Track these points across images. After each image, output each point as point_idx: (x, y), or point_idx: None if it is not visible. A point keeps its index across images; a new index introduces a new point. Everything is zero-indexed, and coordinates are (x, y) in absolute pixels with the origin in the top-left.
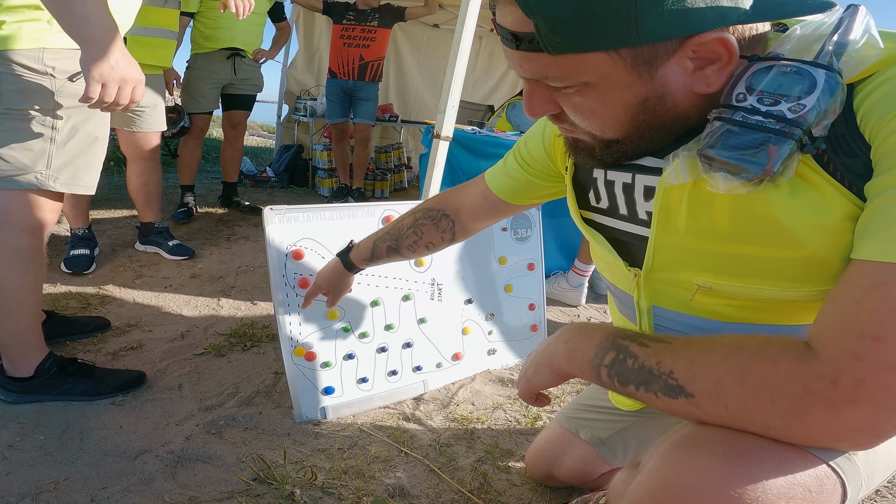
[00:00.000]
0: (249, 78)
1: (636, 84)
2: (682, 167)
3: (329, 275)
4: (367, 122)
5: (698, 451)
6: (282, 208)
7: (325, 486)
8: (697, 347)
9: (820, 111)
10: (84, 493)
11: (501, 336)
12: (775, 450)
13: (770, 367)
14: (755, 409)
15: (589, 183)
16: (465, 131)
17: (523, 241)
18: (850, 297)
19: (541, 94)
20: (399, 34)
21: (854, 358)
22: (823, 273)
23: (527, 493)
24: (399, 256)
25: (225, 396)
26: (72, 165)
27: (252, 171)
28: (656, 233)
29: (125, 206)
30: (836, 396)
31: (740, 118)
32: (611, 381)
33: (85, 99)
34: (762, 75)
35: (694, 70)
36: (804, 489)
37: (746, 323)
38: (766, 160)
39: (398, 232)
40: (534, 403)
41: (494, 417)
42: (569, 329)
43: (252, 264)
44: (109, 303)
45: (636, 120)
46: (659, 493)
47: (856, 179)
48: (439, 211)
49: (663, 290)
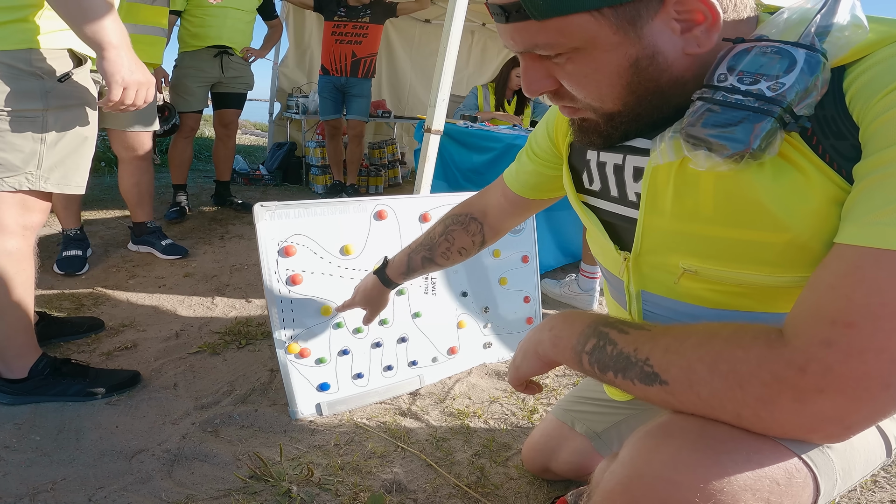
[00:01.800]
0: (239, 76)
1: (624, 45)
2: (668, 147)
3: (368, 292)
4: (360, 118)
5: (669, 441)
6: (272, 204)
7: (321, 483)
8: (673, 335)
9: (800, 90)
10: (81, 493)
11: (497, 329)
12: (746, 441)
13: (741, 354)
14: (726, 397)
15: (582, 165)
16: (457, 125)
17: (517, 234)
18: (826, 282)
19: (537, 70)
20: (391, 30)
21: (824, 345)
22: (805, 258)
23: (524, 486)
24: (434, 266)
25: (220, 395)
26: (62, 165)
27: (245, 169)
28: (644, 214)
29: (117, 207)
30: (804, 384)
31: (721, 97)
32: (591, 368)
33: (106, 102)
34: (743, 56)
35: (682, 32)
36: (772, 482)
37: (731, 309)
38: (746, 136)
39: (430, 241)
40: (524, 391)
41: (491, 411)
42: (555, 316)
43: (246, 262)
44: (103, 303)
45: (632, 84)
46: (629, 482)
47: (844, 162)
48: (467, 215)
49: (651, 274)
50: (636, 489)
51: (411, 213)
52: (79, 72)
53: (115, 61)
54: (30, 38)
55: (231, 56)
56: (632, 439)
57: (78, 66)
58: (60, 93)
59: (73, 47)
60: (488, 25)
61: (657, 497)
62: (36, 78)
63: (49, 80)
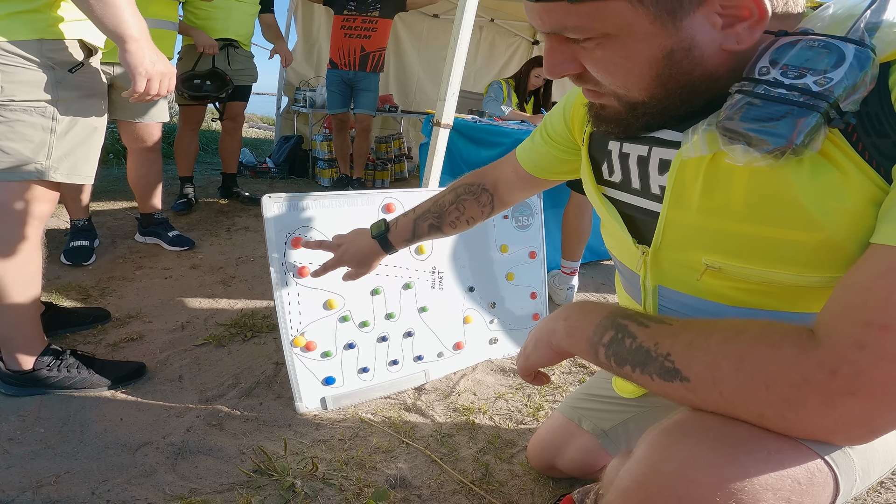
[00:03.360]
0: (244, 69)
1: (660, 36)
2: (701, 140)
3: (359, 252)
4: (367, 112)
5: (687, 439)
6: (280, 196)
7: (325, 478)
8: (697, 330)
9: (848, 85)
10: (85, 486)
11: (503, 325)
12: (767, 440)
13: (770, 353)
14: (749, 396)
15: (603, 156)
16: (465, 120)
17: (524, 230)
18: (861, 282)
19: (562, 52)
20: (399, 25)
21: (857, 347)
22: (836, 259)
23: (529, 483)
24: (439, 234)
25: (225, 387)
26: (72, 156)
27: (252, 162)
28: (668, 208)
29: (125, 198)
30: (834, 387)
31: (762, 91)
32: (608, 362)
33: (131, 93)
34: (787, 49)
35: (723, 27)
36: (793, 481)
37: (752, 308)
38: (789, 132)
39: (440, 209)
40: (532, 381)
41: (496, 408)
42: (569, 306)
43: (252, 255)
44: (109, 294)
45: (662, 76)
46: (645, 480)
47: (884, 160)
48: (479, 185)
49: (670, 269)
50: (652, 487)
51: None
52: (90, 62)
53: (137, 53)
54: (41, 29)
55: (237, 49)
56: (647, 437)
57: (89, 57)
58: (71, 83)
59: (84, 38)
60: (497, 21)
61: (674, 495)
62: (47, 68)
63: (60, 71)
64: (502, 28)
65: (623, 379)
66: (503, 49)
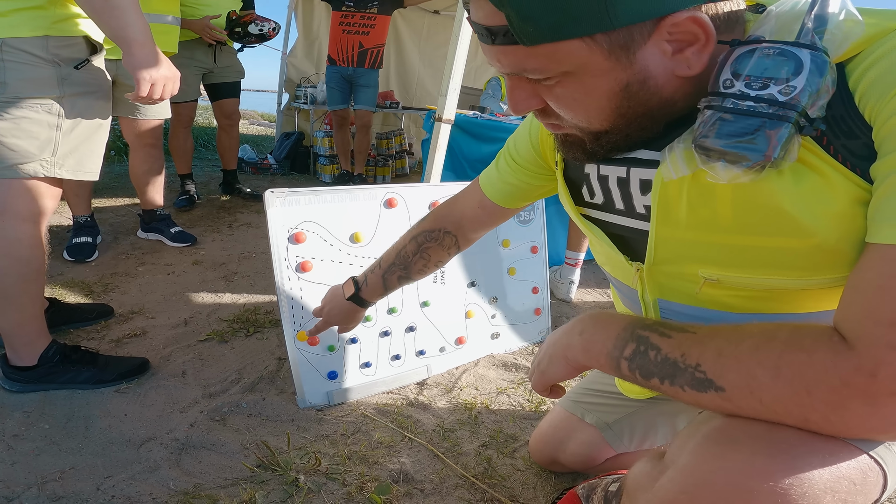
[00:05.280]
0: (230, 65)
1: (615, 70)
2: (679, 160)
3: (342, 314)
4: (367, 108)
5: (738, 446)
6: (283, 191)
7: (329, 472)
8: (724, 337)
9: (812, 91)
10: (89, 481)
11: (505, 320)
12: (817, 443)
13: (805, 358)
14: (792, 402)
15: (581, 178)
16: (466, 116)
17: (526, 224)
18: (873, 283)
19: (523, 90)
20: (399, 21)
21: (890, 348)
22: (835, 261)
23: (531, 478)
24: (410, 281)
25: (229, 383)
26: (77, 152)
27: (253, 158)
28: (657, 227)
29: (127, 195)
30: (876, 389)
31: (731, 105)
32: (632, 375)
33: (136, 97)
34: (746, 59)
35: (673, 53)
36: (849, 482)
37: (757, 313)
38: (766, 146)
39: (404, 260)
40: (548, 396)
41: (498, 402)
42: (584, 319)
43: (254, 250)
44: (112, 290)
45: (621, 108)
46: (696, 491)
47: (858, 161)
48: (440, 230)
49: (668, 283)
50: (705, 498)
51: (421, 202)
52: (94, 59)
53: (141, 58)
54: (46, 25)
55: (223, 45)
56: (687, 445)
57: (94, 54)
58: (76, 80)
59: (89, 34)
60: None
61: None
62: (52, 65)
63: (65, 68)
64: None
65: (651, 391)
66: None
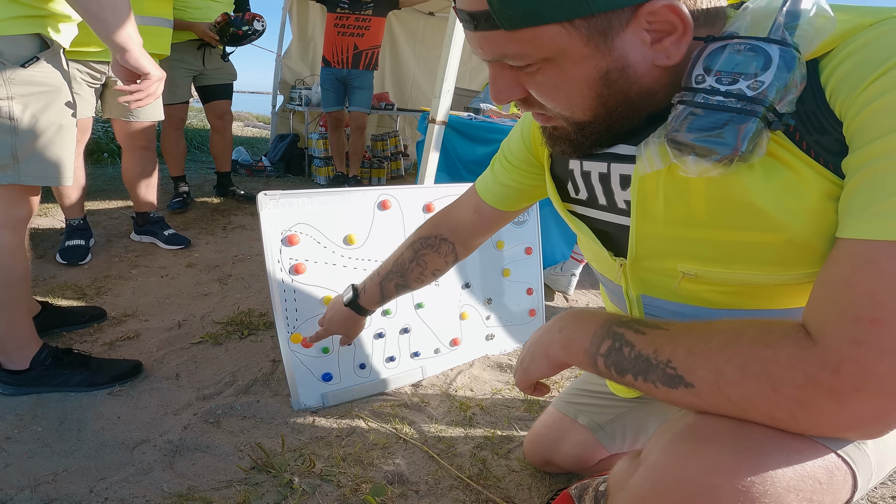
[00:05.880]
0: (220, 67)
1: (594, 57)
2: (654, 154)
3: (342, 322)
4: (362, 110)
5: (706, 444)
6: (276, 193)
7: (323, 474)
8: (696, 334)
9: (780, 87)
10: (83, 484)
11: (499, 321)
12: (784, 441)
13: (770, 354)
14: (758, 399)
15: (566, 175)
16: (460, 117)
17: (520, 226)
18: (841, 278)
19: (505, 78)
20: (394, 22)
21: (854, 343)
22: (808, 256)
23: (526, 479)
24: (408, 290)
25: (222, 385)
26: (40, 158)
27: (248, 160)
28: (636, 222)
29: (120, 197)
30: (841, 385)
31: (701, 100)
32: (608, 371)
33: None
34: (717, 55)
35: (652, 43)
36: (814, 481)
37: (737, 309)
38: (734, 140)
39: (401, 268)
40: (532, 393)
41: (493, 403)
42: (563, 317)
43: (248, 253)
44: (105, 293)
45: (602, 96)
46: (664, 488)
47: (830, 157)
48: (437, 237)
49: (650, 278)
50: (673, 495)
51: (415, 204)
52: (47, 56)
53: (140, 57)
54: None
55: (212, 48)
56: (660, 441)
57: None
58: (25, 79)
59: (42, 32)
60: None
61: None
62: None
63: (10, 66)
64: None
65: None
66: None
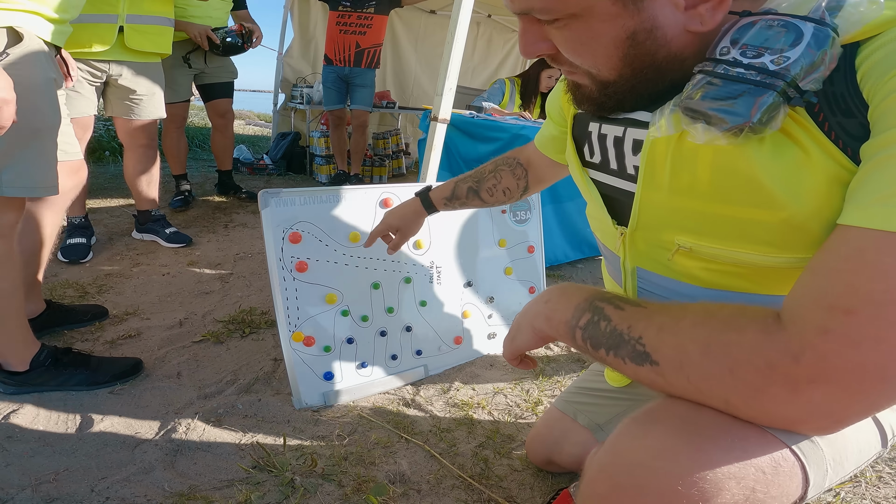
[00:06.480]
0: (221, 65)
1: (622, 16)
2: (667, 121)
3: (404, 213)
4: (364, 108)
5: (655, 427)
6: (278, 191)
7: (325, 473)
8: (669, 313)
9: (805, 64)
10: (84, 483)
11: (502, 320)
12: (733, 428)
13: (735, 337)
14: (715, 381)
15: (584, 137)
16: (462, 115)
17: (523, 224)
18: (827, 265)
19: (533, 33)
20: (396, 21)
21: (820, 332)
22: (803, 239)
23: (528, 478)
24: (478, 199)
25: (224, 384)
26: (17, 166)
27: (249, 159)
28: (642, 189)
29: (121, 195)
30: (797, 373)
31: (722, 70)
32: (584, 344)
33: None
34: (747, 29)
35: (686, 7)
36: (757, 470)
37: (726, 290)
38: (747, 110)
39: (479, 175)
40: (518, 366)
41: (495, 402)
42: (552, 289)
43: (250, 251)
44: (107, 291)
45: (628, 56)
46: (611, 468)
47: (851, 140)
48: (515, 159)
49: (646, 250)
50: (617, 475)
51: None
52: (19, 52)
53: None
54: None
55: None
56: (619, 425)
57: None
58: None
59: (13, 25)
60: (494, 17)
61: (636, 483)
62: None
63: None
64: (499, 24)
65: (599, 362)
66: (500, 45)
